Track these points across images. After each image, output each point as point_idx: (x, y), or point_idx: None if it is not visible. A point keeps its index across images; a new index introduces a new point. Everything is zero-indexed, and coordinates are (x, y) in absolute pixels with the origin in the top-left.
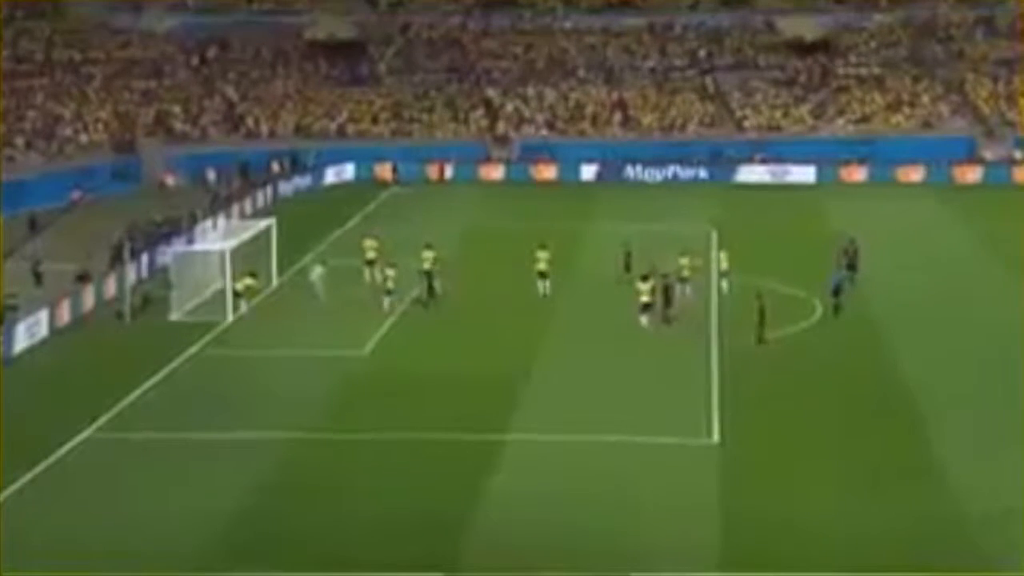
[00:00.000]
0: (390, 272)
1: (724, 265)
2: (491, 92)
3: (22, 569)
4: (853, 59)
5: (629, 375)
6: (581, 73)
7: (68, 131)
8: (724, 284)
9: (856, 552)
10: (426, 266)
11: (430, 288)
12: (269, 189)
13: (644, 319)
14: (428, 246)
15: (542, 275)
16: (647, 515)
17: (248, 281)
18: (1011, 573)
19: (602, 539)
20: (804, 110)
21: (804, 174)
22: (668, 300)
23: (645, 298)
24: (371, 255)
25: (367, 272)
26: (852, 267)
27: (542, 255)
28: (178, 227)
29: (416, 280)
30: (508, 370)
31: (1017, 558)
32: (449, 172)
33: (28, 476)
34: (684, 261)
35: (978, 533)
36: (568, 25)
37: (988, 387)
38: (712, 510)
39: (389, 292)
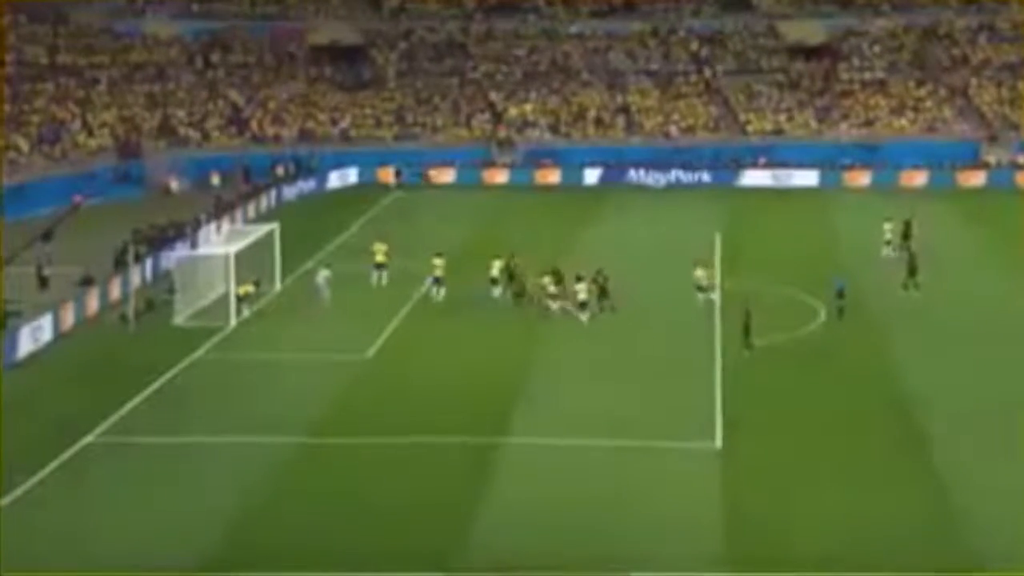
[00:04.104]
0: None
1: (704, 282)
2: (494, 96)
3: (27, 570)
4: (857, 63)
5: (631, 379)
6: (584, 77)
7: (72, 135)
8: (700, 297)
9: (858, 554)
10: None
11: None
12: (273, 193)
13: (583, 315)
14: (438, 254)
15: (494, 281)
16: (649, 519)
17: (249, 288)
18: (1014, 573)
19: (604, 542)
20: (808, 114)
21: (807, 178)
22: (605, 293)
23: (583, 296)
24: (380, 258)
25: (375, 275)
26: (913, 273)
27: (496, 263)
28: (182, 231)
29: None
30: (510, 373)
31: (1018, 558)
32: (452, 176)
33: (33, 479)
34: (546, 280)
35: (981, 534)
36: (571, 29)
37: (991, 390)
38: (714, 514)
39: (554, 297)
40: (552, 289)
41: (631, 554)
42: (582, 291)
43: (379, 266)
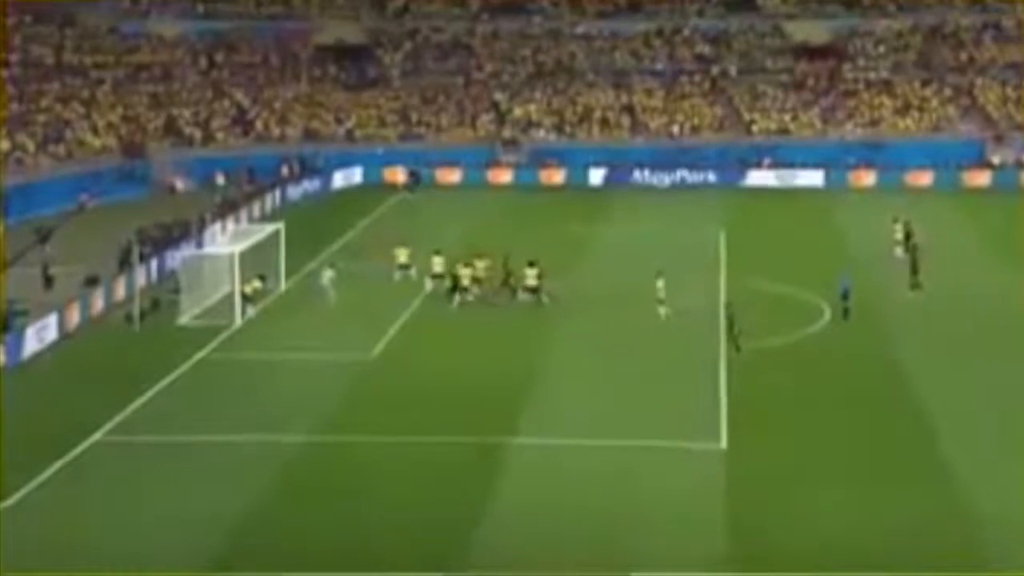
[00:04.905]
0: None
1: (661, 294)
2: (499, 96)
3: (32, 570)
4: (862, 63)
5: (637, 379)
6: (589, 77)
7: (78, 135)
8: (662, 311)
9: (862, 555)
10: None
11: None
12: (277, 192)
13: (530, 297)
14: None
15: (476, 280)
16: (653, 519)
17: (256, 284)
18: (1017, 573)
19: (607, 542)
20: (812, 114)
21: (812, 178)
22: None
23: (531, 282)
24: (403, 259)
25: (397, 274)
26: (915, 272)
27: (435, 260)
28: (187, 231)
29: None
30: (515, 373)
31: (1022, 559)
32: (457, 176)
33: (38, 479)
34: (463, 271)
35: (988, 534)
36: (576, 29)
37: (996, 390)
38: (718, 514)
39: (464, 291)
40: (465, 282)
41: (635, 554)
42: (531, 276)
43: (403, 267)
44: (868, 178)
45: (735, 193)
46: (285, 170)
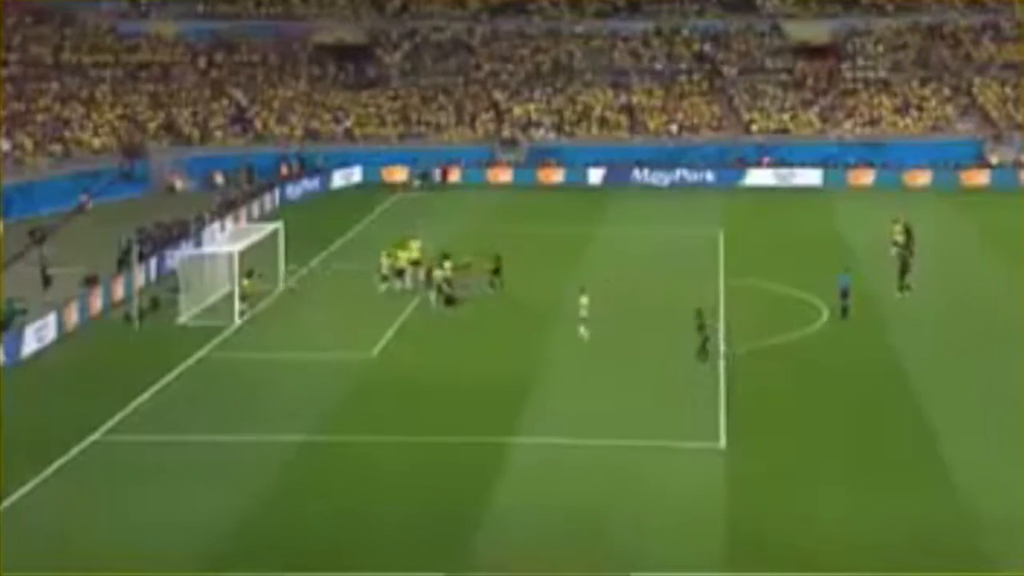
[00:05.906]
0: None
1: (583, 312)
2: (499, 95)
3: (32, 570)
4: (861, 63)
5: (636, 379)
6: (588, 77)
7: (77, 135)
8: (583, 330)
9: (862, 555)
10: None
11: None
12: (277, 192)
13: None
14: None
15: (384, 278)
16: (652, 519)
17: (245, 282)
18: (1017, 574)
19: (607, 542)
20: (811, 113)
21: (811, 177)
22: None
23: (449, 274)
24: (415, 255)
25: (410, 270)
26: (903, 273)
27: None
28: (186, 230)
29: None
30: (515, 373)
31: (1022, 559)
32: (457, 175)
33: (37, 478)
34: (384, 261)
35: (984, 534)
36: (575, 29)
37: (996, 390)
38: (718, 514)
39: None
40: (384, 272)
41: (635, 554)
42: (448, 269)
43: (414, 263)
44: (867, 177)
45: (734, 192)
46: (284, 169)
